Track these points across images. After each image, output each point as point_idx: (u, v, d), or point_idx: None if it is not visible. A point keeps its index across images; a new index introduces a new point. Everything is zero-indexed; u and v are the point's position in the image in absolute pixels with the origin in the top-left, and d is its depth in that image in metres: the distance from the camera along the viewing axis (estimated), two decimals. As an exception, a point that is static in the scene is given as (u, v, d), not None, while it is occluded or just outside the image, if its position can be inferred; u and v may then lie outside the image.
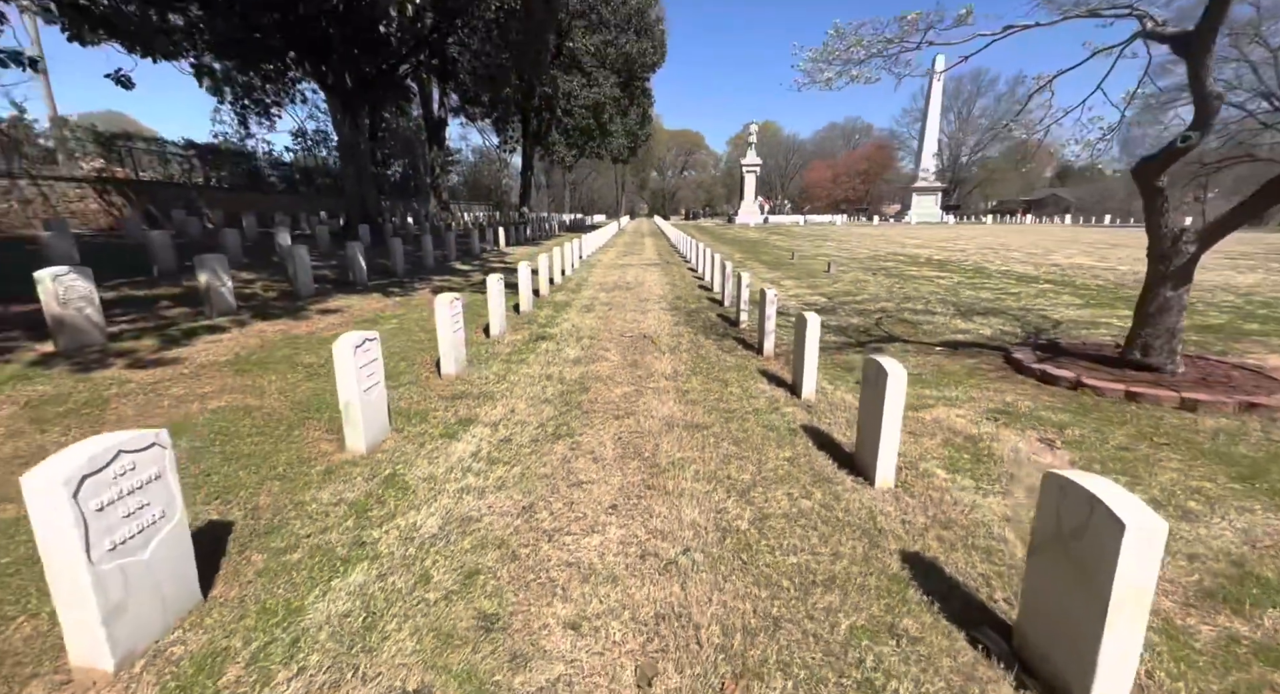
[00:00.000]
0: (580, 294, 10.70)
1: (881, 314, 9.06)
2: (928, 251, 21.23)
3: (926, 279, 13.36)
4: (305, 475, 3.07)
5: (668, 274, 14.43)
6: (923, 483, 3.37)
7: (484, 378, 5.10)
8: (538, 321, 7.91)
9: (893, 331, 7.90)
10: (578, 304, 9.53)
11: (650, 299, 10.28)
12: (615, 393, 4.90)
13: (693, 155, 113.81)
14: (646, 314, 8.80)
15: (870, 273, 14.63)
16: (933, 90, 51.68)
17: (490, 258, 16.59)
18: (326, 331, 6.62)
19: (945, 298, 10.52)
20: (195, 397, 4.08)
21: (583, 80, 29.70)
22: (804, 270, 15.33)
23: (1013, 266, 15.92)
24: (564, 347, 6.48)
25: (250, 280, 9.37)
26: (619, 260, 18.15)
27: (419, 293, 9.87)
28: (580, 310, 8.95)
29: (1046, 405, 4.80)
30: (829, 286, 12.24)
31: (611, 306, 9.41)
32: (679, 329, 7.71)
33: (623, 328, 7.75)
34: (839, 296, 10.92)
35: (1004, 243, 25.59)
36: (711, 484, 3.26)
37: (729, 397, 4.87)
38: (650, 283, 12.61)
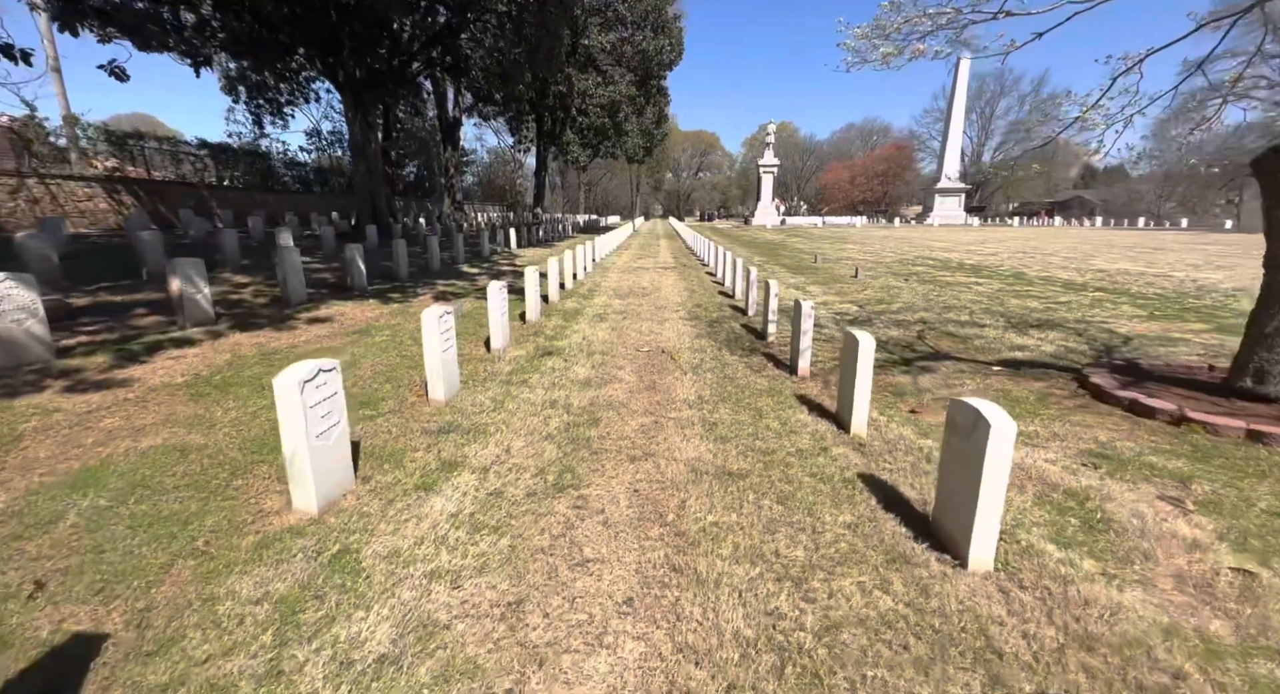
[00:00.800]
0: (592, 301, 9.99)
1: (923, 326, 8.21)
2: (957, 255, 20.20)
3: (963, 286, 12.44)
4: (230, 551, 2.38)
5: (685, 279, 13.67)
6: (1031, 565, 2.58)
7: (478, 405, 4.39)
8: (545, 333, 7.20)
9: (939, 347, 7.06)
10: (589, 312, 8.82)
11: (667, 307, 9.54)
12: (630, 425, 4.16)
13: (708, 156, 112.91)
14: (664, 324, 8.05)
15: (901, 278, 13.73)
16: (957, 88, 50.18)
17: (500, 260, 15.97)
18: (310, 344, 5.98)
19: (990, 308, 9.63)
20: (129, 431, 3.44)
21: (598, 78, 29.08)
22: (829, 275, 14.47)
23: (1054, 272, 14.89)
24: (572, 364, 5.76)
25: (243, 285, 8.81)
26: (634, 263, 17.43)
27: (420, 299, 9.24)
28: (592, 320, 8.23)
29: (1152, 447, 3.96)
30: (859, 293, 11.39)
31: (626, 315, 8.68)
32: (701, 343, 6.95)
33: (638, 341, 7.02)
34: (871, 305, 10.08)
35: (1037, 246, 24.40)
36: (756, 565, 2.51)
37: (765, 432, 4.10)
38: (667, 288, 11.87)
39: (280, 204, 27.03)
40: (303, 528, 2.57)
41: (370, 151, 21.01)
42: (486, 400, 4.49)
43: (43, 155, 17.94)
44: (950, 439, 2.75)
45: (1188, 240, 30.06)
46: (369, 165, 21.08)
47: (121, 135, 20.86)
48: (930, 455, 3.80)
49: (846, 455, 3.75)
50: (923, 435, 4.16)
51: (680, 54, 31.68)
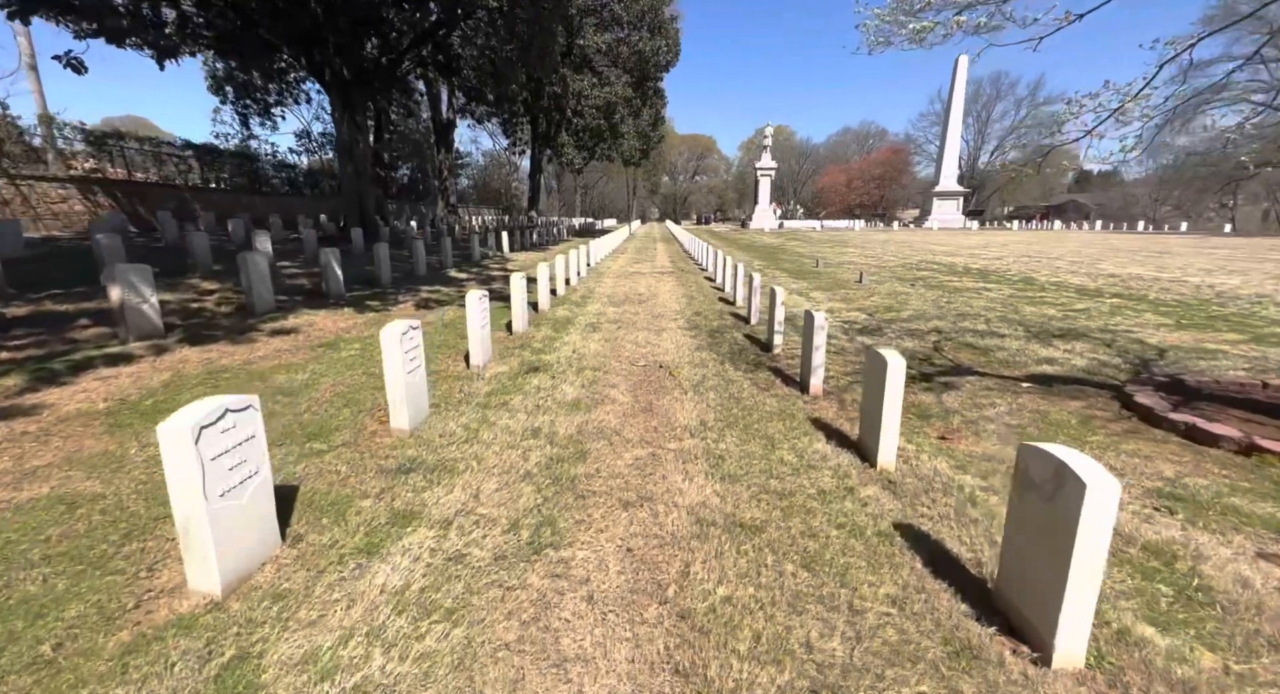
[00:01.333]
0: (586, 308, 9.42)
1: (939, 336, 7.68)
2: (961, 260, 19.74)
3: (973, 292, 11.93)
4: (86, 661, 1.79)
5: (683, 284, 13.13)
6: (1133, 660, 2.02)
7: (447, 435, 3.81)
8: (532, 345, 6.62)
9: (959, 360, 6.52)
10: (582, 321, 8.25)
11: (665, 315, 8.98)
12: (623, 459, 3.59)
13: (704, 160, 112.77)
14: (661, 335, 7.49)
15: (907, 284, 13.22)
16: (955, 89, 49.95)
17: (491, 265, 15.39)
18: (266, 361, 5.39)
19: (1005, 315, 9.11)
20: (12, 477, 2.84)
21: (594, 80, 28.60)
22: (832, 280, 13.96)
23: (1064, 277, 14.42)
24: (560, 382, 5.18)
25: (209, 292, 8.20)
26: (630, 268, 16.88)
27: (401, 307, 8.65)
28: (584, 330, 7.66)
29: (1229, 484, 3.42)
30: (865, 300, 10.86)
31: (621, 324, 8.12)
32: (702, 356, 6.39)
33: (634, 353, 6.45)
34: (880, 313, 9.55)
35: (1040, 250, 23.99)
36: (783, 667, 1.94)
37: (780, 467, 3.54)
38: (664, 294, 11.31)
39: (268, 206, 26.38)
40: (195, 618, 1.98)
41: (358, 152, 20.43)
42: (458, 429, 3.91)
43: (15, 155, 17.28)
44: (1023, 496, 2.19)
45: (1191, 244, 29.76)
46: (357, 167, 20.49)
47: (101, 135, 20.21)
48: (973, 496, 3.25)
49: (877, 498, 3.18)
50: (959, 469, 3.61)
51: (677, 55, 31.25)
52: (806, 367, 5.24)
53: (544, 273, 8.61)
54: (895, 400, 3.51)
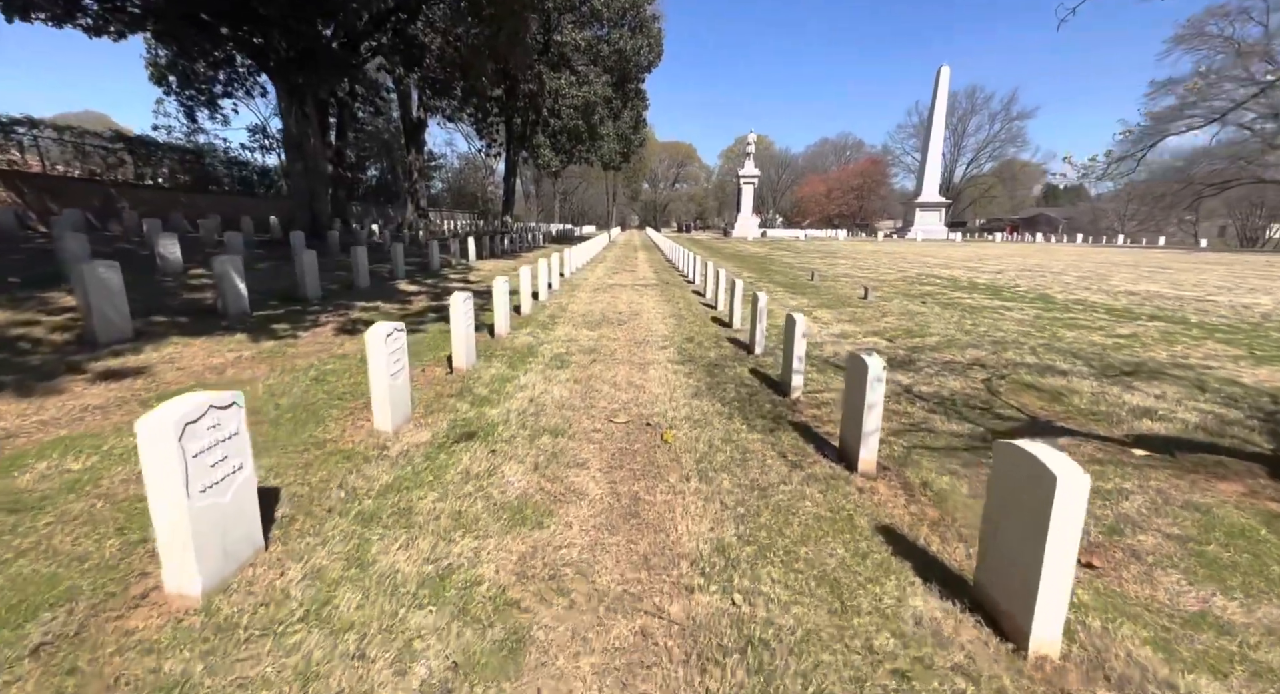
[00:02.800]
0: (553, 332, 7.78)
1: (985, 372, 6.24)
2: (959, 272, 18.64)
3: (993, 311, 10.64)
4: None
5: (668, 298, 11.57)
6: None
7: (271, 602, 2.13)
8: (475, 390, 4.95)
9: (1027, 408, 5.08)
10: (547, 351, 6.60)
11: (650, 342, 7.38)
12: (589, 659, 1.96)
13: (684, 168, 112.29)
14: (647, 371, 5.88)
15: (916, 300, 11.89)
16: (937, 100, 49.77)
17: (450, 275, 13.61)
18: (45, 430, 3.63)
19: (1049, 343, 7.76)
20: None
21: (571, 78, 27.08)
22: (834, 296, 12.56)
23: (1081, 294, 13.29)
24: (502, 461, 3.53)
25: (61, 310, 6.32)
26: (608, 279, 15.27)
27: (318, 331, 6.87)
28: (548, 365, 6.01)
29: None
30: (878, 321, 9.45)
31: (596, 356, 6.49)
32: (702, 406, 4.80)
33: (611, 403, 4.83)
34: (900, 337, 8.13)
35: (1038, 264, 23.14)
36: None
37: (873, 663, 1.94)
38: (648, 313, 9.72)
39: (214, 206, 24.08)
40: None
41: (310, 148, 18.47)
42: (295, 591, 2.21)
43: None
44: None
45: (1178, 259, 29.47)
46: (308, 164, 18.52)
47: (8, 122, 17.84)
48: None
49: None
50: (1164, 652, 2.06)
51: (659, 56, 29.94)
52: (853, 432, 3.69)
53: (500, 290, 6.93)
54: (1065, 553, 1.94)
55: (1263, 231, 64.04)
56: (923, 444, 4.21)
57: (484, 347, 6.62)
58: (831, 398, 5.21)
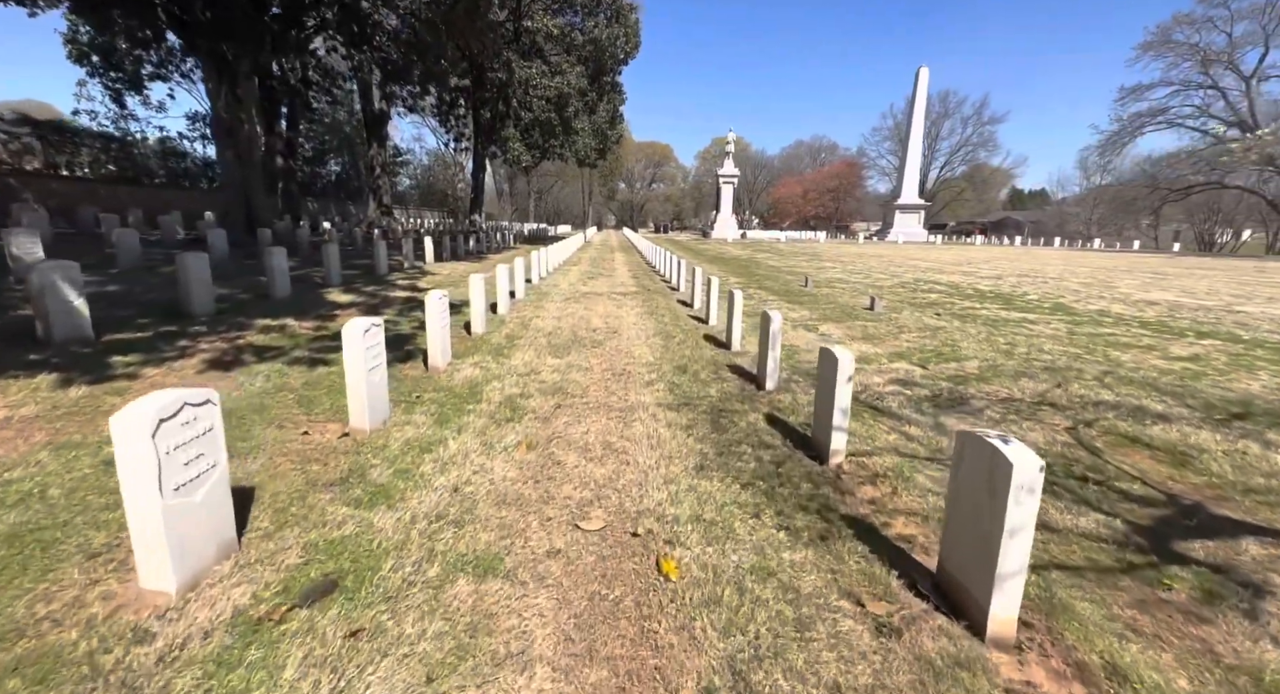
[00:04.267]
0: (509, 360, 6.14)
1: (1062, 415, 4.85)
2: (958, 279, 17.55)
3: (1017, 324, 9.39)
4: None
5: (651, 309, 10.02)
6: None
7: None
8: (370, 472, 3.30)
9: (1150, 475, 3.68)
10: (495, 394, 4.97)
11: (633, 373, 5.81)
12: None
13: (661, 168, 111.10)
14: (631, 426, 4.31)
15: (928, 311, 10.59)
16: (916, 100, 49.37)
17: (399, 281, 11.79)
18: None
19: (1109, 369, 6.45)
20: None
21: (543, 67, 25.32)
22: (836, 306, 11.19)
23: (1100, 304, 12.21)
24: (368, 660, 1.91)
25: None
26: (583, 286, 13.64)
27: (181, 366, 5.09)
28: (492, 419, 4.38)
29: None
30: (896, 339, 8.08)
31: (561, 399, 4.89)
32: (712, 492, 3.25)
33: (579, 487, 3.24)
34: (933, 361, 6.74)
35: (1030, 268, 22.34)
36: None
37: None
38: (629, 329, 8.15)
39: (142, 200, 21.62)
40: None
41: (243, 134, 16.37)
42: None
43: None
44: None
45: (1170, 263, 29.23)
46: (241, 152, 16.41)
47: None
48: None
49: None
50: None
51: (636, 47, 28.38)
52: (977, 577, 2.17)
53: (437, 309, 5.26)
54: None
55: (1215, 236, 65.91)
56: (1056, 561, 2.74)
57: (411, 386, 4.95)
58: (886, 464, 3.74)
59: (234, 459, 3.26)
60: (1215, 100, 51.16)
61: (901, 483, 3.55)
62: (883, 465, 3.79)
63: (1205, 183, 55.21)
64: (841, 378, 3.71)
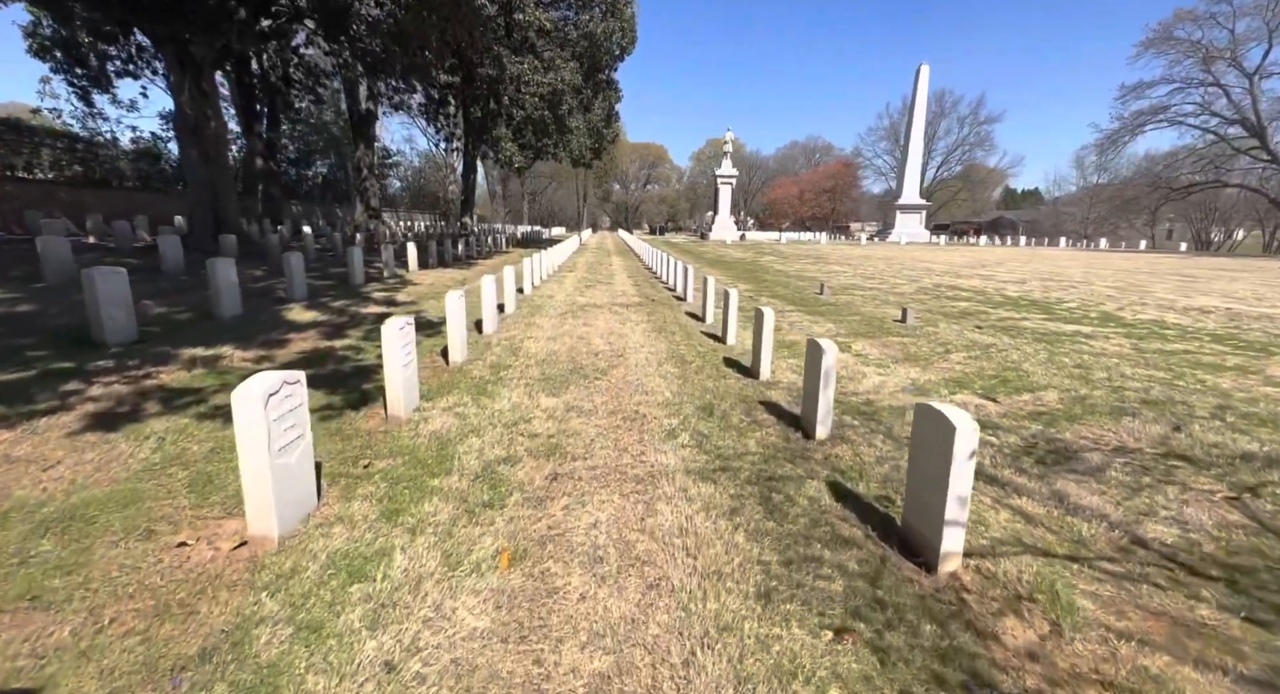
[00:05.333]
0: (492, 402, 4.96)
1: (1214, 479, 3.72)
2: (978, 283, 16.48)
3: (1071, 339, 8.30)
4: None
5: (658, 326, 8.85)
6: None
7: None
8: (265, 627, 2.13)
9: None
10: (474, 455, 3.79)
11: (648, 417, 4.63)
12: None
13: (656, 169, 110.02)
14: (655, 509, 3.13)
15: (966, 323, 9.48)
16: (918, 98, 48.39)
17: (375, 293, 10.57)
18: None
19: (1224, 403, 5.34)
20: None
21: (536, 63, 24.12)
22: (860, 317, 10.07)
23: (1151, 314, 11.13)
24: None
25: None
26: (580, 296, 12.47)
27: (54, 424, 3.90)
28: (469, 500, 3.20)
29: None
30: (942, 358, 6.96)
31: (559, 460, 3.71)
32: (794, 643, 2.08)
33: (590, 647, 2.06)
34: (1002, 391, 5.63)
35: (1050, 270, 21.32)
36: None
37: None
38: (636, 353, 6.98)
39: (107, 203, 20.30)
40: None
41: (210, 132, 15.11)
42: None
43: None
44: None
45: (1193, 265, 28.34)
46: (207, 152, 15.14)
47: None
48: None
49: None
50: None
51: (633, 42, 27.21)
52: None
53: (395, 343, 4.07)
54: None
55: (1211, 235, 65.41)
56: None
57: (360, 447, 3.77)
58: (1021, 574, 2.60)
59: (24, 613, 2.07)
60: (1217, 97, 50.63)
61: (1060, 611, 2.41)
62: (1017, 575, 2.64)
63: (1207, 182, 54.68)
64: (961, 452, 2.56)
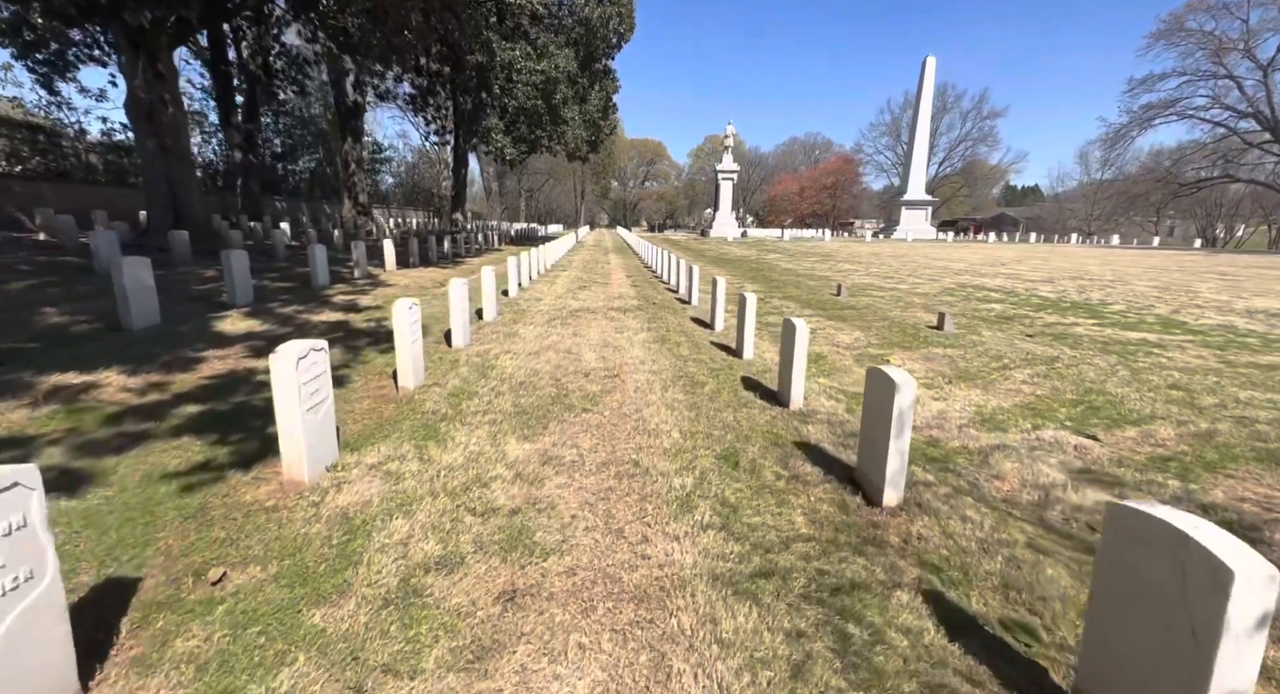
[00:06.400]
0: (445, 449, 3.73)
1: None
2: (1003, 282, 15.27)
3: (1138, 347, 7.10)
4: None
5: (661, 333, 7.62)
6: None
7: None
8: None
9: None
10: (392, 553, 2.56)
11: (652, 471, 3.40)
12: None
13: (654, 165, 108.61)
14: (666, 653, 1.91)
15: (1015, 330, 8.26)
16: (923, 91, 47.05)
17: (335, 298, 9.30)
18: None
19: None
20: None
21: (528, 49, 22.84)
22: (886, 321, 8.85)
23: (1216, 318, 9.93)
24: None
25: None
26: (572, 299, 11.23)
27: None
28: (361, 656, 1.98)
29: None
30: (1002, 378, 5.75)
31: (521, 562, 2.49)
32: None
33: None
34: (1097, 422, 4.41)
35: (1077, 269, 20.10)
36: None
37: None
38: (636, 370, 5.75)
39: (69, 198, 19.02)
40: None
41: (166, 120, 13.81)
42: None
43: None
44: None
45: (1205, 261, 27.16)
46: (164, 141, 13.85)
47: None
48: None
49: None
50: None
51: (631, 29, 25.92)
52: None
53: (287, 383, 2.84)
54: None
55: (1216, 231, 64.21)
56: None
57: (224, 538, 2.54)
58: None
59: None
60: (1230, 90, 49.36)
61: None
62: None
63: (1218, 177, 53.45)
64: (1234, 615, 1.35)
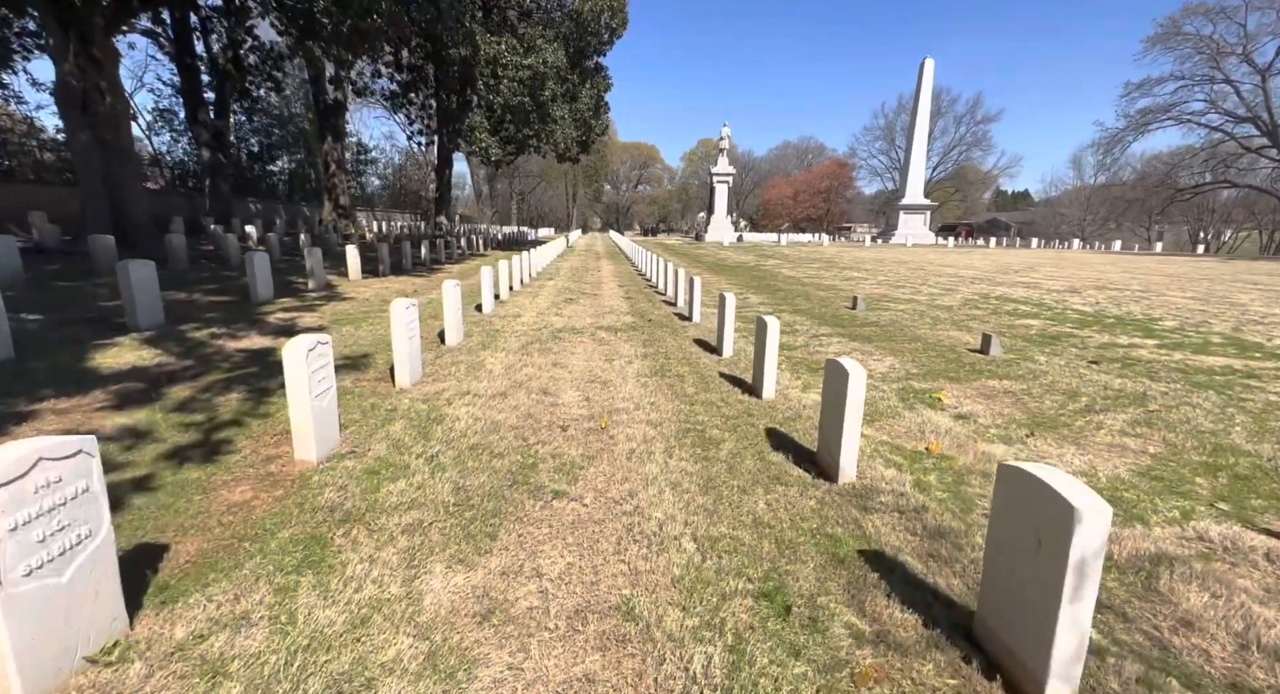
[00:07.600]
0: (313, 611, 2.43)
1: None
2: (1025, 292, 14.13)
3: (1225, 377, 5.90)
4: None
5: (660, 362, 6.32)
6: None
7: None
8: None
9: None
10: None
11: (658, 634, 2.11)
12: None
13: (647, 169, 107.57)
14: None
15: (1071, 352, 7.04)
16: (921, 94, 46.28)
17: (271, 317, 7.91)
18: None
19: None
20: None
21: (514, 43, 21.55)
22: (919, 343, 7.61)
23: (1251, 334, 8.80)
24: None
25: None
26: (556, 314, 9.90)
27: None
28: None
29: None
30: (1095, 424, 4.51)
31: None
32: None
33: None
34: (1254, 500, 3.14)
35: (1096, 277, 19.04)
36: None
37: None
38: (629, 416, 4.45)
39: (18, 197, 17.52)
40: None
41: (103, 110, 12.38)
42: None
43: None
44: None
45: (1227, 269, 26.28)
46: (100, 134, 12.41)
47: None
48: None
49: None
50: None
51: (624, 23, 24.72)
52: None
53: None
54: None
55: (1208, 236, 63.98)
56: None
57: None
58: None
59: None
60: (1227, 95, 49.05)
61: None
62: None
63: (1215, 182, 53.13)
64: None
